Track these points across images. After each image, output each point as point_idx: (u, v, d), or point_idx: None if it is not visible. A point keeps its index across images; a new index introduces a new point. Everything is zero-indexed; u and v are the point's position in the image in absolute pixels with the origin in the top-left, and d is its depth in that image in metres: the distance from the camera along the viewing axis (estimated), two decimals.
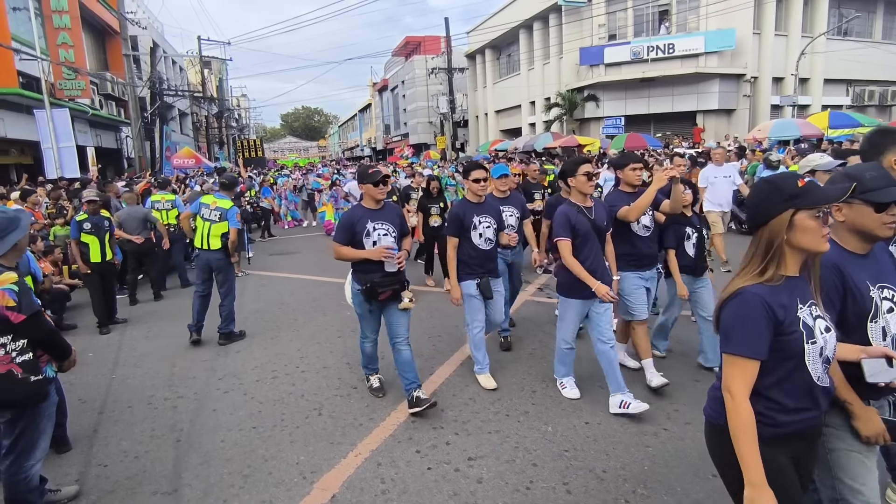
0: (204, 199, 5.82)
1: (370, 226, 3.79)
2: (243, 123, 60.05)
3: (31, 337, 2.63)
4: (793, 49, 23.74)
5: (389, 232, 3.85)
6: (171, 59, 33.35)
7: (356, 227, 3.78)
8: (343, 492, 3.01)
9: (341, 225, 3.85)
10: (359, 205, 3.94)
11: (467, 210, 4.20)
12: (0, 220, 2.64)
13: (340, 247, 3.81)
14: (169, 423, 3.96)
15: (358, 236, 3.78)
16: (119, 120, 22.89)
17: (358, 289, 3.85)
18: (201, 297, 5.67)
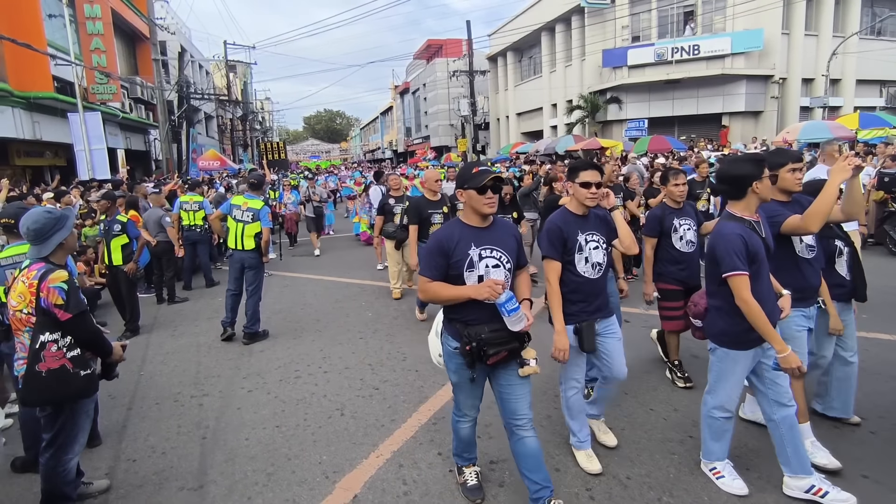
0: (234, 200, 5.94)
1: (474, 252, 2.52)
2: (267, 126, 61.00)
3: (75, 336, 2.72)
4: (823, 49, 23.18)
5: (502, 263, 2.56)
6: (197, 63, 34.07)
7: (452, 253, 2.52)
8: (365, 492, 3.02)
9: (430, 250, 2.57)
10: (456, 220, 2.67)
11: (570, 225, 3.01)
12: (45, 220, 2.74)
13: (431, 284, 2.55)
14: (195, 420, 4.02)
15: (456, 268, 2.53)
16: (148, 123, 23.46)
17: (454, 347, 2.59)
18: (234, 295, 5.84)
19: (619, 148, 20.73)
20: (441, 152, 37.63)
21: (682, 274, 4.18)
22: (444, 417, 3.84)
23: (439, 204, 5.87)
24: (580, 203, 3.02)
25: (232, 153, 37.29)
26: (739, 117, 24.20)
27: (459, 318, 2.57)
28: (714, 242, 2.71)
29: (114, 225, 6.13)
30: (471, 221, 2.60)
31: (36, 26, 14.73)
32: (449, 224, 2.67)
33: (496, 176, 2.50)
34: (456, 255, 2.51)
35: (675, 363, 4.30)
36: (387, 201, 7.05)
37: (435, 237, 2.60)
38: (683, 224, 4.18)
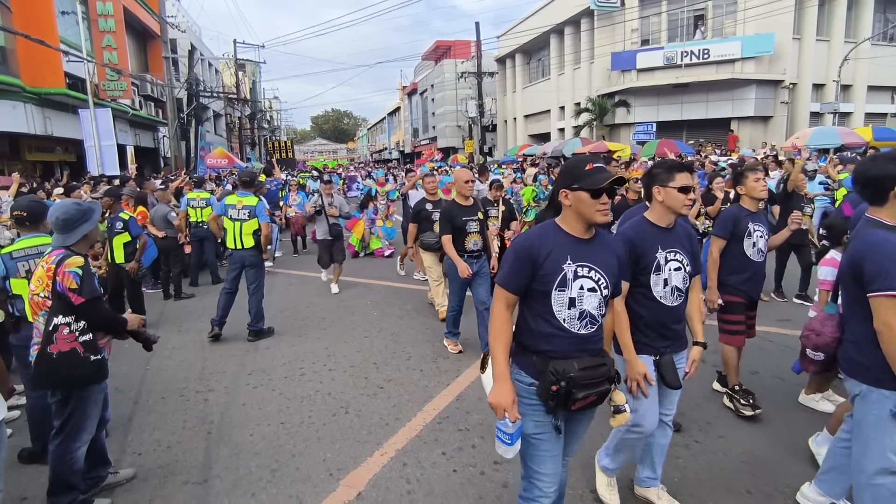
0: (228, 199, 5.89)
1: (570, 269, 2.02)
2: (275, 125, 61.25)
3: (89, 320, 2.78)
4: (835, 55, 23.02)
5: (599, 287, 2.07)
6: (207, 61, 34.27)
7: (542, 264, 2.02)
8: (369, 490, 3.02)
9: (517, 254, 2.06)
10: (551, 224, 2.12)
11: (648, 239, 2.54)
12: (74, 212, 2.84)
13: (508, 296, 2.06)
14: (200, 415, 4.04)
15: (543, 282, 2.02)
16: (157, 120, 23.64)
17: (529, 384, 2.06)
18: (229, 293, 5.82)
19: (627, 151, 20.68)
20: (448, 154, 37.62)
21: (748, 285, 3.78)
22: (449, 417, 3.84)
23: (473, 210, 5.05)
24: (670, 212, 2.52)
25: (240, 151, 37.50)
26: (748, 122, 24.08)
27: (537, 347, 2.05)
28: (861, 253, 2.19)
29: (116, 222, 6.02)
30: (571, 229, 2.06)
31: (49, 23, 14.88)
32: (543, 227, 2.11)
33: (619, 177, 1.99)
34: (546, 267, 2.00)
35: (736, 388, 3.82)
36: (423, 206, 6.01)
37: (526, 239, 2.07)
38: (758, 230, 3.73)
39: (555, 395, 1.96)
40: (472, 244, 4.96)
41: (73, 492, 2.79)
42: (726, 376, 3.94)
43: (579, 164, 2.04)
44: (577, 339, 2.04)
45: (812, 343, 2.70)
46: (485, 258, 5.11)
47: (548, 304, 2.02)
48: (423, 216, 6.01)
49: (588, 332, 2.05)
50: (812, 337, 2.71)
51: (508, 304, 2.07)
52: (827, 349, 2.63)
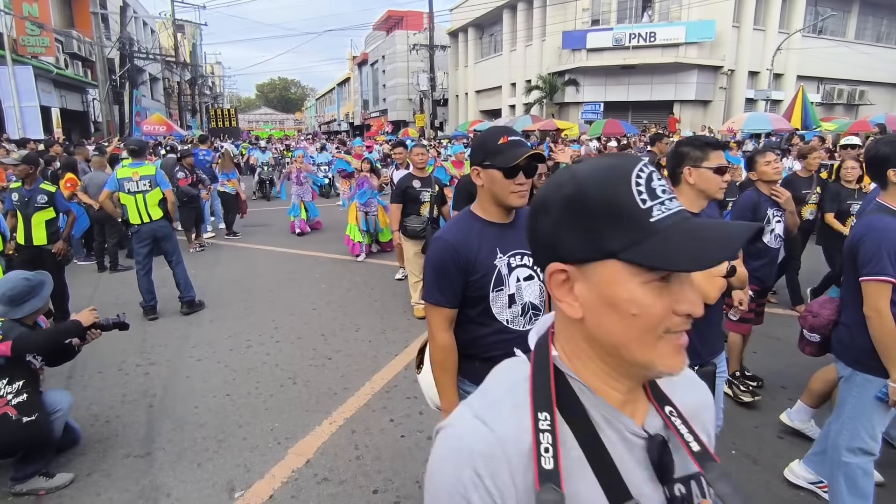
0: (119, 172, 5.40)
1: (502, 262, 1.82)
2: (217, 92, 58.33)
3: (38, 352, 2.83)
4: (769, 44, 24.17)
5: (536, 273, 1.87)
6: (142, 20, 31.99)
7: (474, 267, 1.79)
8: (317, 457, 3.06)
9: (438, 264, 1.82)
10: (467, 215, 1.86)
11: None
12: (23, 287, 2.85)
13: (445, 312, 1.82)
14: (141, 388, 3.93)
15: (478, 288, 1.80)
16: (86, 81, 21.98)
17: None
18: (146, 274, 5.43)
19: (575, 130, 21.10)
20: (398, 127, 37.14)
21: (763, 271, 3.67)
22: (397, 386, 3.92)
23: None
24: (703, 196, 2.20)
25: (179, 118, 35.53)
26: (690, 105, 25.03)
27: (481, 354, 1.82)
28: (863, 237, 2.19)
29: (38, 195, 4.96)
30: (490, 216, 1.81)
31: None
32: (458, 222, 1.82)
33: (534, 153, 1.71)
34: (479, 269, 1.74)
35: (737, 374, 3.77)
36: (409, 184, 5.16)
37: (444, 244, 1.75)
38: (777, 216, 3.56)
39: None
40: None
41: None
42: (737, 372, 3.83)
43: (492, 138, 1.74)
44: (523, 337, 1.74)
45: (808, 324, 2.64)
46: None
47: (486, 308, 1.78)
48: (409, 196, 5.15)
49: (528, 328, 1.78)
50: (809, 318, 2.65)
51: (448, 322, 1.79)
52: (822, 331, 2.57)
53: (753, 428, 3.32)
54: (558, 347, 0.73)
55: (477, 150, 1.78)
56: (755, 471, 2.93)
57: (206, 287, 6.29)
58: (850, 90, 27.24)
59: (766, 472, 2.93)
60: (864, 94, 27.49)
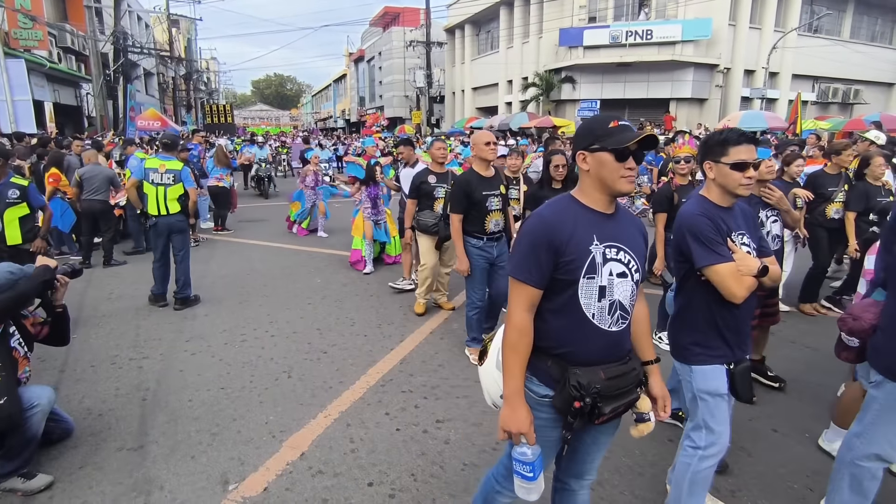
0: (148, 163, 5.51)
1: (597, 251, 1.69)
2: (212, 87, 58.01)
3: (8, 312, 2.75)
4: (765, 43, 24.25)
5: (630, 271, 1.74)
6: (136, 14, 31.77)
7: (566, 249, 1.66)
8: (312, 450, 3.05)
9: (533, 240, 1.69)
10: (568, 198, 1.77)
11: (717, 220, 2.12)
12: (4, 280, 2.75)
13: (531, 292, 1.70)
14: (134, 382, 3.90)
15: (568, 272, 1.68)
16: (79, 75, 21.81)
17: (542, 395, 1.74)
18: (163, 265, 5.56)
19: (571, 127, 21.10)
20: (395, 123, 37.04)
21: None
22: (393, 380, 3.90)
23: (495, 182, 4.11)
24: (724, 192, 2.13)
25: (174, 114, 35.34)
26: (686, 103, 25.08)
27: (555, 349, 1.70)
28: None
29: (8, 190, 4.59)
30: (592, 202, 1.72)
31: None
32: (557, 204, 1.74)
33: (649, 135, 1.65)
34: (570, 251, 1.65)
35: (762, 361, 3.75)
36: (425, 179, 5.00)
37: (540, 220, 1.69)
38: (770, 216, 3.44)
39: (579, 412, 1.64)
40: (493, 224, 4.07)
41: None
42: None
43: (601, 122, 1.69)
44: (606, 338, 1.69)
45: (847, 327, 2.40)
46: (504, 240, 4.28)
47: (573, 296, 1.66)
48: (423, 191, 4.99)
49: (619, 329, 1.71)
50: (849, 321, 2.40)
51: (531, 303, 1.69)
52: (862, 335, 2.34)
53: (748, 421, 3.32)
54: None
55: (584, 134, 1.72)
56: (749, 462, 2.94)
57: (201, 282, 6.25)
58: (845, 89, 27.36)
59: (760, 464, 2.93)
60: (858, 94, 27.62)
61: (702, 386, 2.20)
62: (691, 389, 2.24)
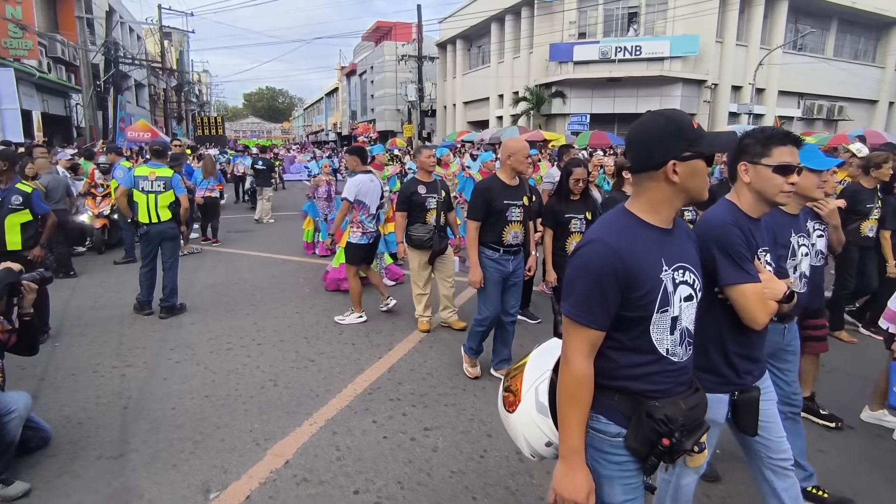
0: (138, 171, 5.48)
1: (667, 277, 1.48)
2: (204, 100, 58.03)
3: None
4: (752, 59, 24.69)
5: (695, 292, 1.56)
6: (128, 25, 31.83)
7: (638, 281, 1.43)
8: (297, 458, 2.99)
9: (599, 276, 1.42)
10: (623, 212, 1.53)
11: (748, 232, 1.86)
12: None
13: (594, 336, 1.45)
14: (116, 390, 3.82)
15: (641, 307, 1.45)
16: (69, 86, 21.71)
17: (618, 434, 1.49)
18: (150, 271, 5.51)
19: (562, 141, 21.28)
20: (386, 137, 37.16)
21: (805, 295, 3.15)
22: (380, 388, 3.86)
23: (518, 192, 3.82)
24: (760, 199, 1.88)
25: (165, 125, 35.19)
26: None
27: (623, 385, 1.47)
28: None
29: (12, 196, 4.57)
30: (654, 218, 1.47)
31: None
32: (616, 221, 1.48)
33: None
34: (641, 284, 1.40)
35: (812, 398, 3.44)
36: (414, 189, 4.77)
37: (604, 247, 1.40)
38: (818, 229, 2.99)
39: (667, 451, 1.42)
40: (511, 236, 3.80)
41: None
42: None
43: (686, 121, 1.45)
44: (677, 370, 1.50)
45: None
46: (522, 255, 3.98)
47: (644, 333, 1.45)
48: (413, 202, 4.77)
49: (688, 358, 1.54)
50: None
51: (593, 347, 1.43)
52: None
53: None
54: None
55: (671, 139, 1.42)
56: (740, 468, 2.92)
57: (188, 291, 6.18)
58: (829, 105, 27.88)
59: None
60: (843, 110, 28.14)
61: None
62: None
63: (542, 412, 1.58)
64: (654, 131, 1.45)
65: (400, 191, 5.00)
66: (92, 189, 8.16)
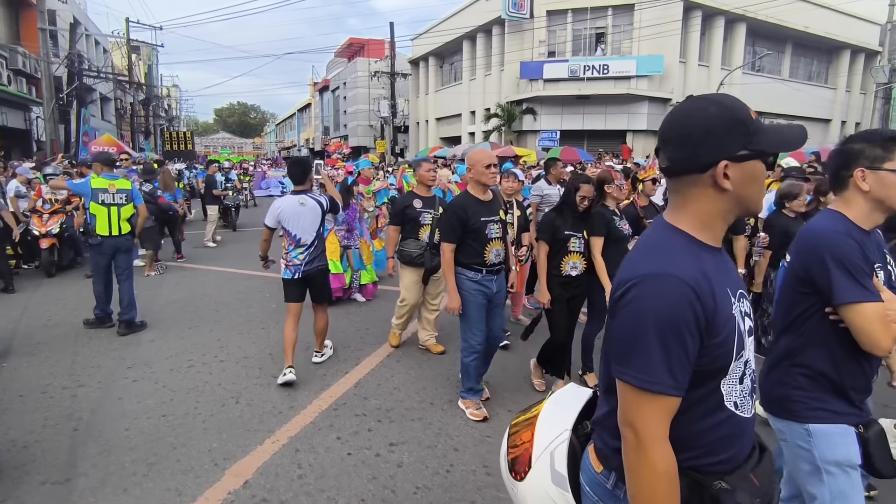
0: (95, 183, 5.31)
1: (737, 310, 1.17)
2: (173, 114, 57.06)
3: None
4: (713, 79, 25.61)
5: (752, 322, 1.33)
6: (93, 38, 31.19)
7: (716, 325, 1.10)
8: (257, 477, 2.88)
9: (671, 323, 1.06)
10: (675, 233, 1.18)
11: (864, 245, 1.64)
12: None
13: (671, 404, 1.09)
14: (66, 412, 3.64)
15: (720, 356, 1.12)
16: (29, 98, 21.10)
17: None
18: (106, 285, 5.39)
19: (532, 157, 21.58)
20: (359, 152, 37.09)
21: None
22: (346, 403, 3.78)
23: (493, 207, 3.60)
24: (881, 208, 1.67)
25: (132, 140, 34.38)
26: (642, 135, 26.05)
27: (686, 456, 1.13)
28: None
29: None
30: (704, 236, 1.17)
31: None
32: (674, 245, 1.15)
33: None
34: (721, 326, 1.10)
35: None
36: (409, 203, 4.57)
37: (677, 286, 1.06)
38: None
39: None
40: (493, 255, 3.53)
41: None
42: None
43: (744, 111, 1.16)
44: (745, 428, 1.20)
45: None
46: (503, 274, 3.72)
47: (716, 389, 1.14)
48: (407, 217, 4.55)
49: (753, 411, 1.23)
50: None
51: (669, 420, 1.09)
52: None
53: None
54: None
55: (723, 133, 1.11)
56: None
57: (149, 307, 5.98)
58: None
59: None
60: None
61: (828, 454, 1.60)
62: (812, 460, 1.64)
63: (560, 485, 1.28)
64: (700, 122, 1.12)
65: (395, 203, 4.79)
66: (38, 207, 7.61)
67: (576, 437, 1.32)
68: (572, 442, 1.33)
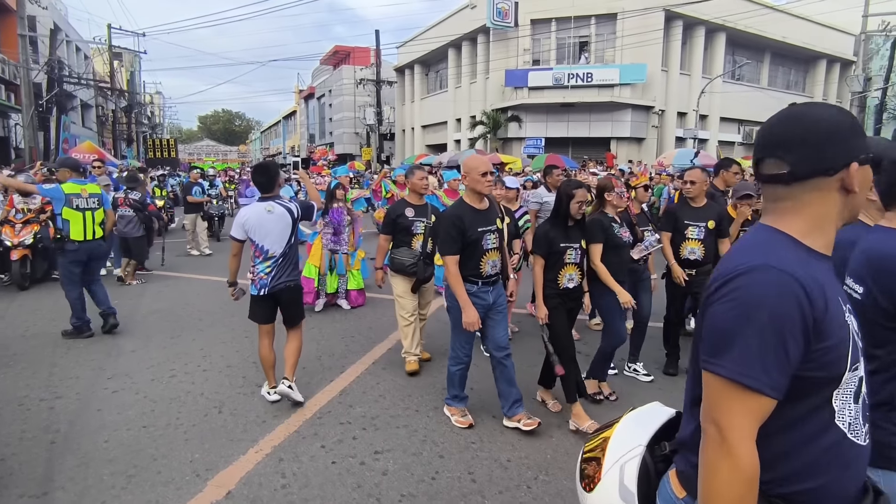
0: (67, 188, 5.25)
1: (848, 315, 1.09)
2: (156, 122, 56.46)
3: None
4: (695, 88, 26.08)
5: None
6: (74, 44, 30.82)
7: (830, 327, 1.01)
8: (240, 488, 2.85)
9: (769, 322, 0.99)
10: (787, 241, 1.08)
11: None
12: None
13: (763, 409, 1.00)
14: (43, 424, 3.57)
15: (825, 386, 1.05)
16: (8, 105, 20.75)
17: None
18: (80, 294, 5.34)
19: (518, 164, 21.72)
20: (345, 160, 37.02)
21: None
22: (331, 412, 3.75)
23: (490, 216, 3.47)
24: None
25: (114, 147, 33.97)
26: (625, 142, 26.41)
27: (780, 487, 1.04)
28: None
29: None
30: (815, 242, 1.09)
31: None
32: (779, 244, 1.07)
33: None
34: (831, 331, 1.02)
35: None
36: (402, 212, 4.49)
37: (785, 280, 1.00)
38: None
39: None
40: (490, 266, 3.44)
41: None
42: None
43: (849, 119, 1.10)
44: (861, 459, 1.09)
45: None
46: (501, 284, 3.62)
47: (826, 404, 1.05)
48: (399, 226, 4.47)
49: (867, 441, 1.11)
50: None
51: (760, 423, 1.00)
52: None
53: None
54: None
55: (849, 135, 1.06)
56: None
57: (130, 317, 5.90)
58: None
59: None
60: None
61: None
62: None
63: (628, 501, 1.22)
64: (826, 125, 1.06)
65: (387, 212, 4.72)
66: (11, 217, 7.30)
67: (650, 456, 1.26)
68: (645, 460, 1.26)
